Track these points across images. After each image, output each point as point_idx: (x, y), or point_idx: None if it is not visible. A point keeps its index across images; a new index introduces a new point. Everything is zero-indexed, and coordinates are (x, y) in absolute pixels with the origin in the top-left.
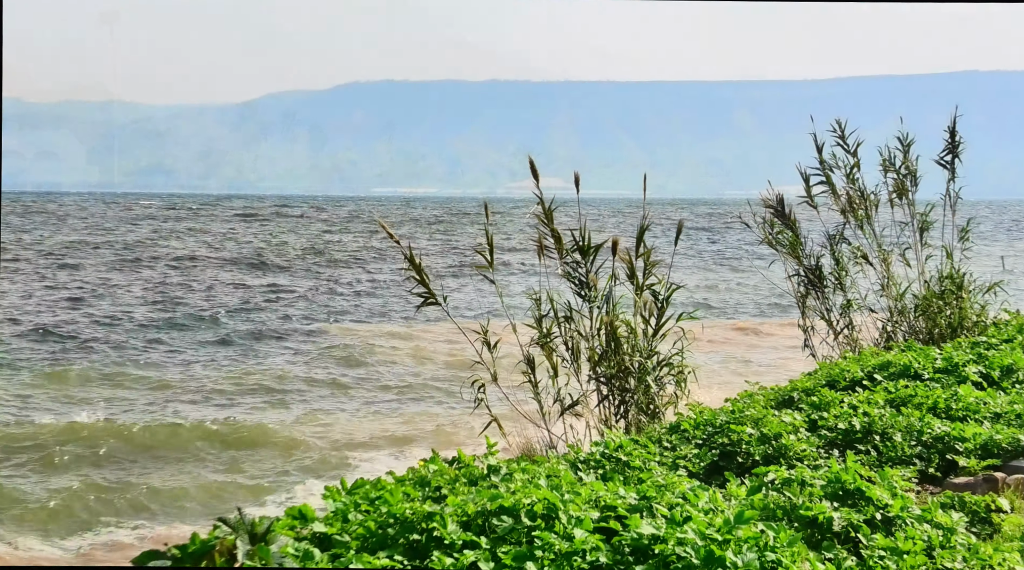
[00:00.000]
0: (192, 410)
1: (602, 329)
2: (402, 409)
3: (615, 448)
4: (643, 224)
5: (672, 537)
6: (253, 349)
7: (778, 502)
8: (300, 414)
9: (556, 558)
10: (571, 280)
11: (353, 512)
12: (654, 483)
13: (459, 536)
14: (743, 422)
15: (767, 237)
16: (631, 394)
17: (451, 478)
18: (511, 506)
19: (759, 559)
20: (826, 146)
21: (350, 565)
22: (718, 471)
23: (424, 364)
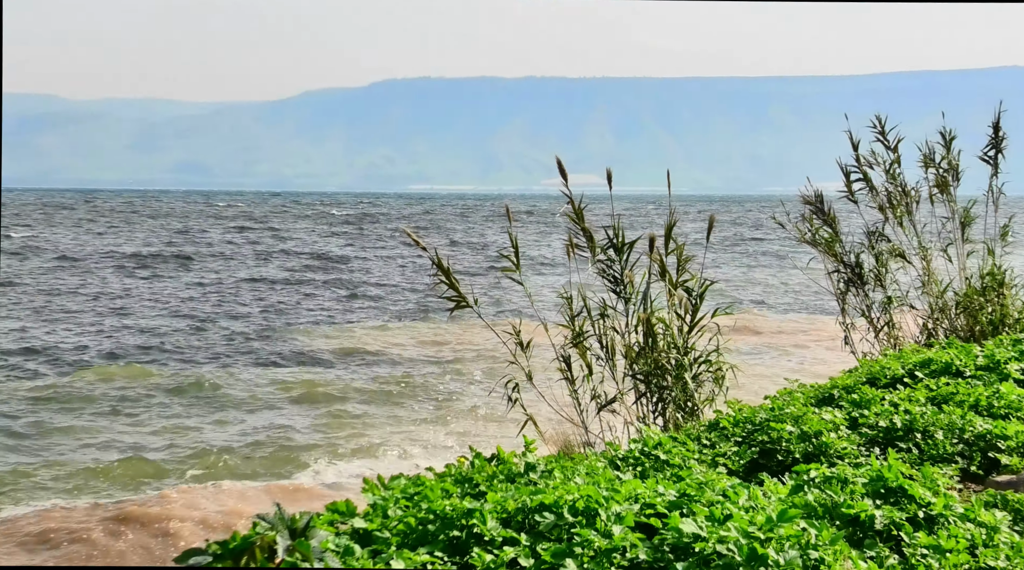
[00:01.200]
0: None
1: (639, 326)
2: (436, 407)
3: (654, 445)
4: (671, 220)
5: (713, 535)
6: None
7: (819, 500)
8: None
9: (596, 555)
10: (605, 277)
11: (393, 508)
12: (694, 481)
13: (499, 533)
14: (783, 419)
15: (803, 236)
16: (668, 391)
17: (489, 475)
18: (551, 503)
19: (801, 557)
20: (866, 142)
21: (391, 561)
22: (758, 469)
23: (457, 363)
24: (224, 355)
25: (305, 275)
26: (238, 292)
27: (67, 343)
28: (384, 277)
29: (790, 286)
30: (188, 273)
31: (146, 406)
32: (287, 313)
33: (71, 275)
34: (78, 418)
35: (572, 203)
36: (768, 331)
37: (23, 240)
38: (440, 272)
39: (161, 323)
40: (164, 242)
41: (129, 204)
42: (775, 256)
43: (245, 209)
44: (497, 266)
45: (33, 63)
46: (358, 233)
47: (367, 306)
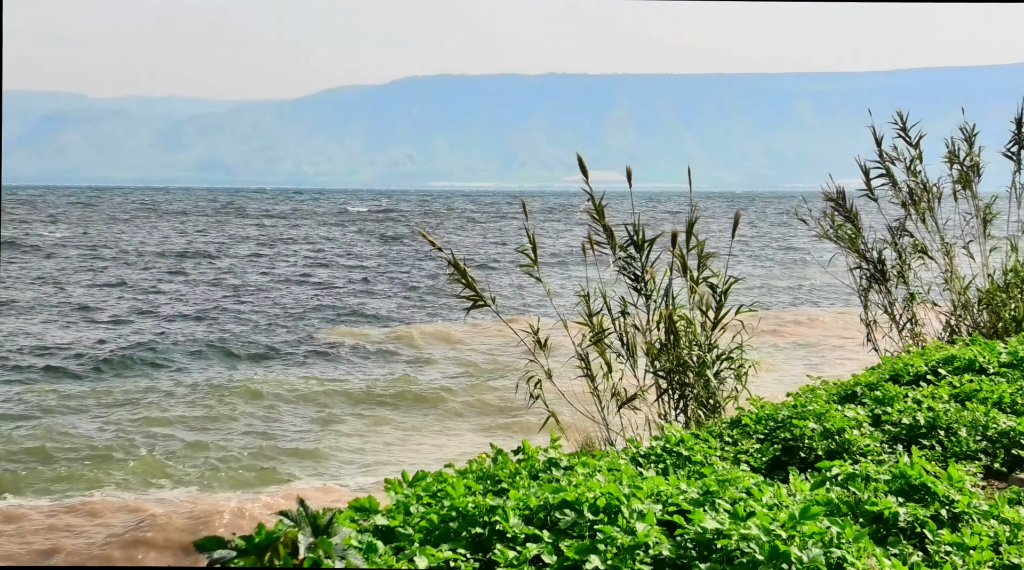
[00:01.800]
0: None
1: (660, 323)
2: (457, 405)
3: (676, 442)
4: (692, 217)
5: (736, 532)
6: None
7: (842, 497)
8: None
9: (619, 552)
10: (625, 274)
11: (415, 505)
12: (717, 478)
13: (521, 530)
14: (805, 417)
15: (825, 232)
16: (690, 388)
17: (512, 471)
18: (573, 500)
19: (824, 555)
20: (887, 139)
21: (413, 558)
22: (780, 466)
23: (475, 361)
24: (244, 356)
25: (326, 272)
26: (262, 290)
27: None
28: (403, 275)
29: (811, 283)
30: (216, 270)
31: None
32: (308, 311)
33: (104, 270)
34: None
35: (592, 200)
36: (789, 328)
37: (53, 237)
38: (456, 272)
39: (190, 321)
40: (194, 239)
41: (152, 201)
42: (796, 252)
43: (268, 206)
44: (515, 263)
45: (56, 61)
46: (378, 230)
47: (387, 304)
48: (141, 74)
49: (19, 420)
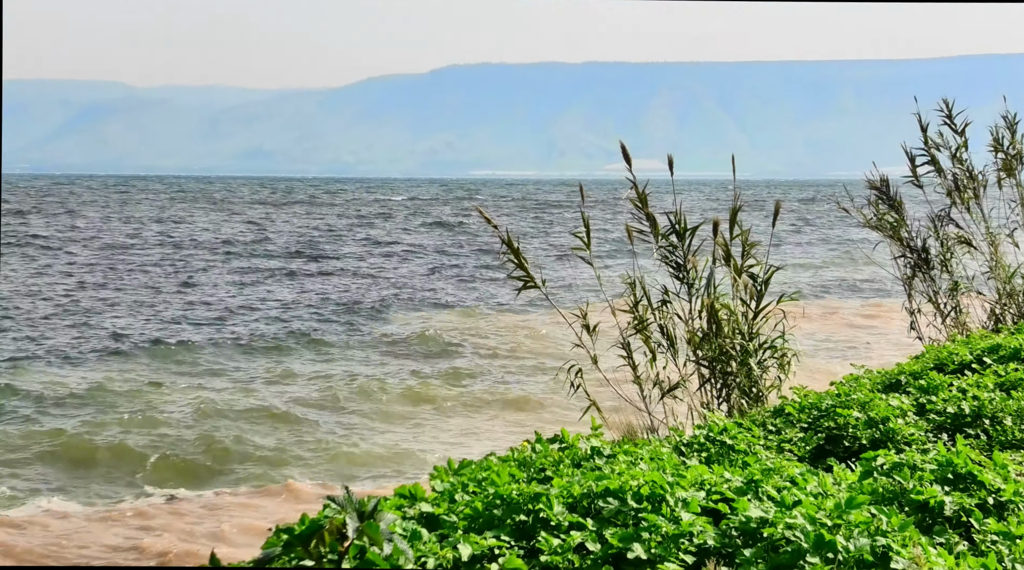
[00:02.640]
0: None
1: (703, 312)
2: (499, 392)
3: (719, 431)
4: (735, 205)
5: (781, 521)
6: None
7: (887, 486)
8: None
9: (663, 540)
10: (667, 263)
11: (460, 492)
12: (761, 466)
13: (565, 517)
14: (849, 406)
15: (868, 221)
16: (733, 377)
17: (555, 460)
18: (617, 488)
19: (870, 544)
20: (932, 126)
21: (458, 545)
22: (824, 455)
23: (520, 347)
24: (281, 341)
25: (373, 261)
26: (307, 276)
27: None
28: (449, 261)
29: (853, 272)
30: (267, 259)
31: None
32: (364, 297)
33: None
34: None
35: (636, 188)
36: (831, 316)
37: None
38: (510, 252)
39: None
40: (248, 229)
41: (202, 189)
42: (837, 241)
43: (313, 194)
44: (553, 249)
45: (98, 51)
46: (421, 216)
47: (434, 289)
48: (183, 63)
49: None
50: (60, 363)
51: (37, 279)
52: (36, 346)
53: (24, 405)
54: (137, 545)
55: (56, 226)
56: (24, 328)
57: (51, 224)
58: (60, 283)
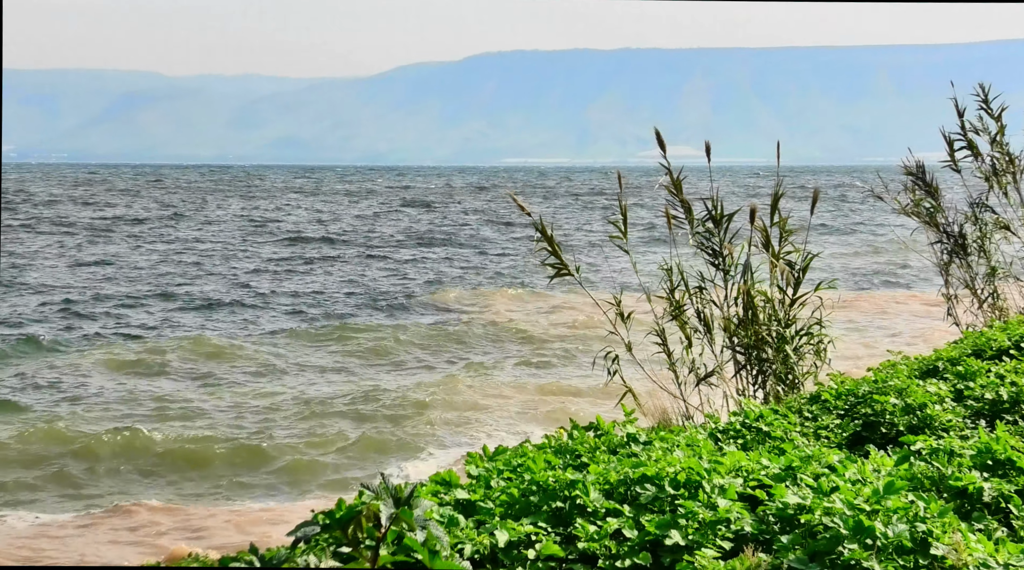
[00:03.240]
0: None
1: (739, 298)
2: (533, 379)
3: (755, 418)
4: (777, 191)
5: (819, 507)
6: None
7: (925, 472)
8: (431, 381)
9: (700, 527)
10: (703, 250)
11: (496, 479)
12: (799, 453)
13: (602, 504)
14: (886, 392)
15: (904, 207)
16: (769, 364)
17: (592, 446)
18: (654, 475)
19: (909, 530)
20: (970, 111)
21: (494, 531)
22: (860, 442)
23: (553, 333)
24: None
25: (411, 249)
26: (353, 261)
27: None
28: (487, 247)
29: (889, 258)
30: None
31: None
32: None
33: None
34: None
35: (670, 174)
36: (866, 302)
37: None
38: (544, 239)
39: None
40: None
41: (242, 178)
42: (872, 228)
43: (347, 183)
44: (582, 242)
45: (134, 40)
46: (455, 203)
47: (464, 275)
48: (219, 53)
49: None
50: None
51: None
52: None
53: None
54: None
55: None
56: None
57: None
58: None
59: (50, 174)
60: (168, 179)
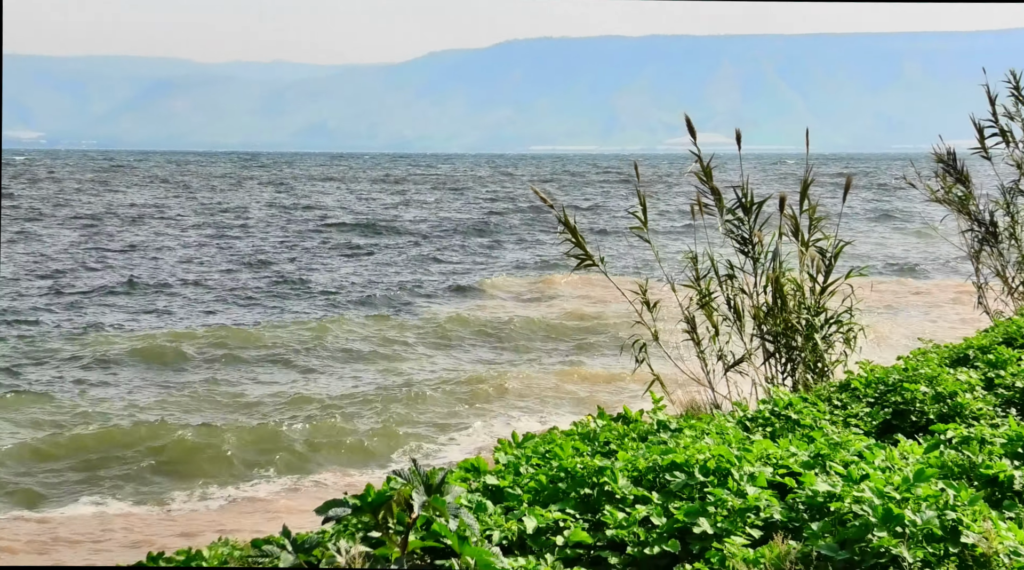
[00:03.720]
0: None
1: (768, 286)
2: (560, 367)
3: (784, 406)
4: (807, 179)
5: (848, 495)
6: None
7: (956, 460)
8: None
9: (729, 514)
10: (733, 237)
11: (524, 465)
12: (828, 441)
13: (630, 491)
14: (917, 380)
15: (934, 195)
16: (798, 352)
17: (620, 433)
18: (683, 462)
19: (939, 518)
20: (1001, 98)
21: (523, 518)
22: (890, 430)
23: (577, 322)
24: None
25: (441, 238)
26: (385, 249)
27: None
28: (513, 238)
29: (919, 246)
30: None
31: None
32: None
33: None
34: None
35: (700, 161)
36: (896, 292)
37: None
38: (567, 230)
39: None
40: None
41: (281, 165)
42: (902, 215)
43: (387, 171)
44: (610, 230)
45: (162, 27)
46: (477, 190)
47: (491, 264)
48: (249, 40)
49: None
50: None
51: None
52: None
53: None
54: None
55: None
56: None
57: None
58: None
59: (79, 161)
60: (193, 166)
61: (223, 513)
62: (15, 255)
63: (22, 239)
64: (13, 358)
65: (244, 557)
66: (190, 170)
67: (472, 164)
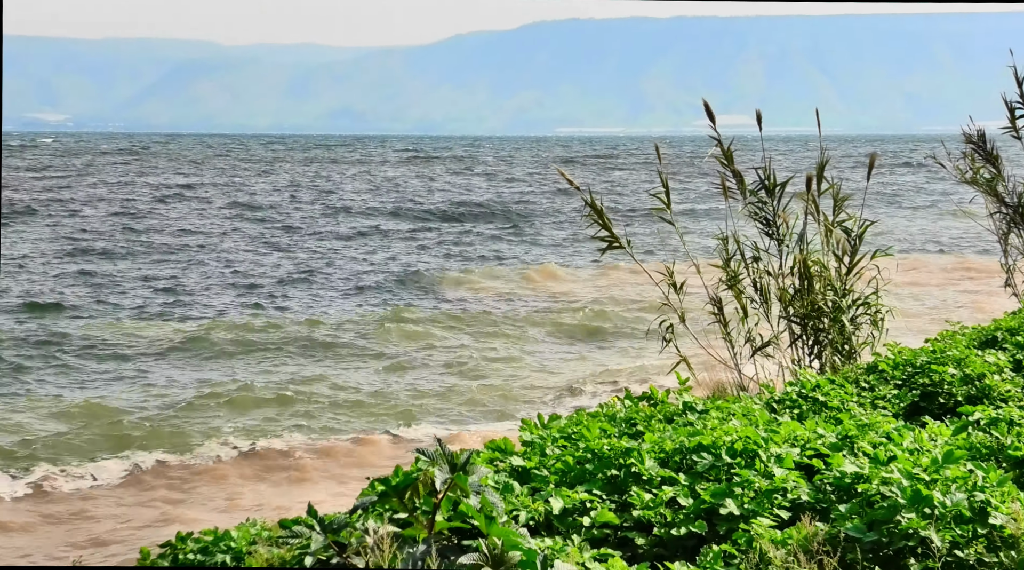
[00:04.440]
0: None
1: (794, 268)
2: (585, 350)
3: (811, 388)
4: (822, 159)
5: (876, 476)
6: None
7: (984, 442)
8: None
9: (756, 495)
10: (757, 220)
11: (550, 446)
12: (856, 422)
13: (657, 472)
14: (944, 362)
15: (963, 175)
16: (825, 334)
17: (647, 415)
18: (709, 444)
19: (968, 499)
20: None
21: (549, 499)
22: (918, 412)
23: (605, 306)
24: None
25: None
26: (406, 235)
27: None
28: (539, 218)
29: (946, 228)
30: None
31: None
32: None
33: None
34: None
35: (720, 145)
36: (922, 272)
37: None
38: (593, 212)
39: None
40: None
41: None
42: (929, 196)
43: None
44: (629, 214)
45: (189, 9)
46: (504, 172)
47: (521, 247)
48: (275, 22)
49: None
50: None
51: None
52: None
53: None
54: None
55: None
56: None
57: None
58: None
59: (107, 143)
60: (228, 148)
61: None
62: (39, 240)
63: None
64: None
65: (273, 537)
66: (245, 152)
67: (498, 146)
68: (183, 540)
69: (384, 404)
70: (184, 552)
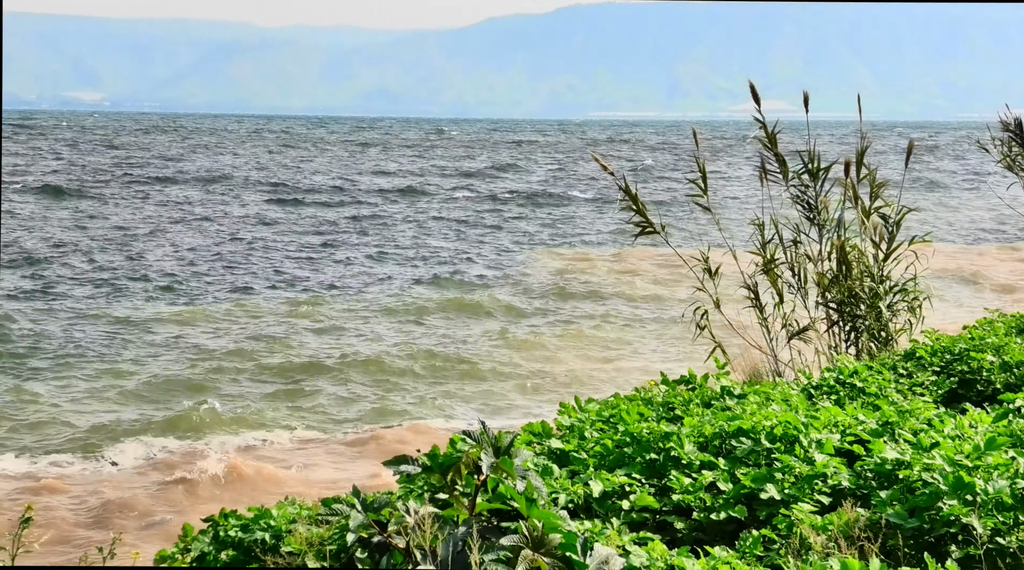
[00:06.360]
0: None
1: (832, 253)
2: (620, 335)
3: (849, 374)
4: (862, 145)
5: (918, 462)
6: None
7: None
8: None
9: (796, 481)
10: (799, 203)
11: (589, 430)
12: (896, 408)
13: (697, 456)
14: (983, 349)
15: (1005, 158)
16: (862, 320)
17: (685, 399)
18: (750, 428)
19: (1010, 486)
20: None
21: (589, 482)
22: (956, 399)
23: (639, 290)
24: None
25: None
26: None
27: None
28: (575, 205)
29: (986, 214)
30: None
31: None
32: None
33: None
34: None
35: (764, 128)
36: (959, 260)
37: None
38: (628, 197)
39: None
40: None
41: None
42: (966, 182)
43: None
44: (666, 200)
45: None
46: (532, 154)
47: (556, 233)
48: (311, 3)
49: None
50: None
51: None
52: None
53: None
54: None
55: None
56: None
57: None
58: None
59: (145, 124)
60: (267, 130)
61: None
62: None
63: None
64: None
65: (313, 516)
66: (300, 134)
67: (535, 130)
68: (226, 517)
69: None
70: (226, 528)
